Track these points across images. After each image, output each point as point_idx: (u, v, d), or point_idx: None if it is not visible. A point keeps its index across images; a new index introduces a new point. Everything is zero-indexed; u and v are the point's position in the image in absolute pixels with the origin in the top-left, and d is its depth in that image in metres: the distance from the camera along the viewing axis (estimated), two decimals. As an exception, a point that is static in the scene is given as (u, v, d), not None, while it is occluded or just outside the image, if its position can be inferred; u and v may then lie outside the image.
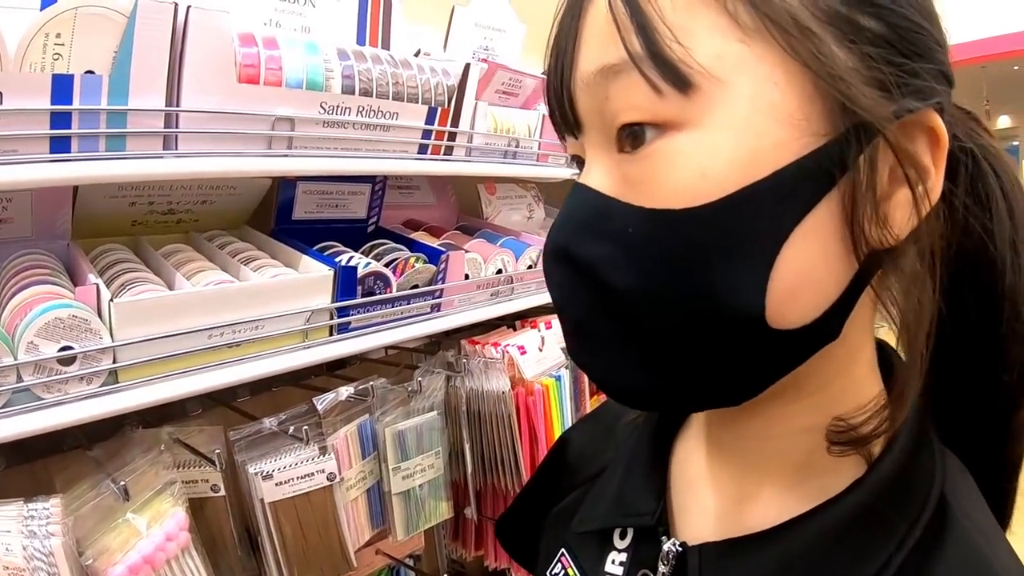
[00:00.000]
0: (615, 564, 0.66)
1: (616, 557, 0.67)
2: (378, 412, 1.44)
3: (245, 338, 1.14)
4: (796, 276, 0.46)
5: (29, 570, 0.93)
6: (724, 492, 0.62)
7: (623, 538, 0.67)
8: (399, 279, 1.39)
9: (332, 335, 1.28)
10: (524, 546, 0.89)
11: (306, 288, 1.22)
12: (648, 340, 0.50)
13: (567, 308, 0.54)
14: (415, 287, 1.45)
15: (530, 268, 1.80)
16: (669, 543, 0.61)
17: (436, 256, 1.49)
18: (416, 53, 1.62)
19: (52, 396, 0.97)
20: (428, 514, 1.55)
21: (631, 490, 0.68)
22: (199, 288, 1.12)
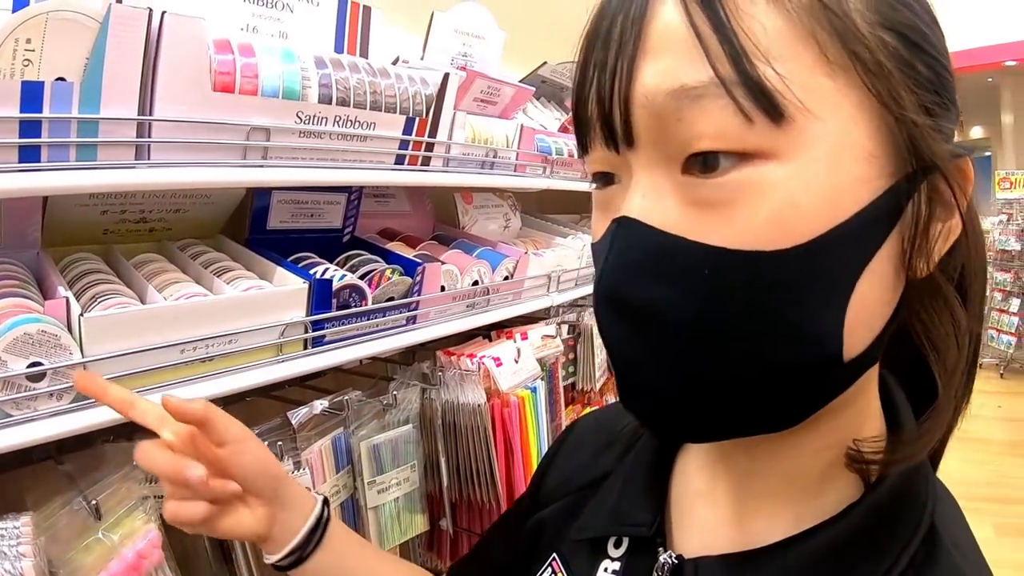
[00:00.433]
0: (607, 572, 0.68)
1: (609, 565, 0.68)
2: (353, 426, 1.42)
3: (218, 352, 1.12)
4: (863, 310, 0.49)
5: (-1, 591, 0.91)
6: (723, 509, 0.63)
7: (617, 547, 0.69)
8: (375, 291, 1.37)
9: (307, 348, 1.27)
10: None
11: (280, 301, 1.20)
12: (715, 383, 0.49)
13: (628, 358, 0.52)
14: (391, 299, 1.43)
15: (506, 279, 1.80)
16: (665, 555, 0.62)
17: (412, 268, 1.47)
18: (395, 60, 1.60)
19: (21, 413, 0.94)
20: (404, 528, 1.53)
21: (631, 501, 0.70)
22: (171, 302, 1.09)
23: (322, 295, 1.25)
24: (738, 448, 0.60)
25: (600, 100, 0.51)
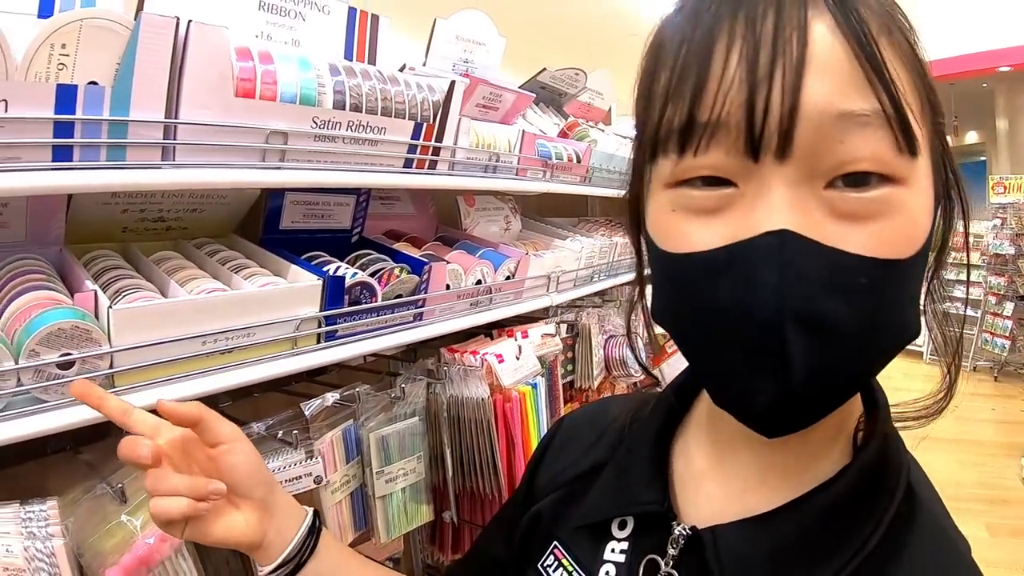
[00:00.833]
0: (615, 552, 0.73)
1: (616, 546, 0.74)
2: (362, 418, 1.48)
3: (237, 344, 1.17)
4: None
5: (30, 571, 0.95)
6: (730, 484, 0.70)
7: (622, 529, 0.74)
8: (384, 289, 1.43)
9: (319, 342, 1.32)
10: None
11: (296, 297, 1.26)
12: (855, 374, 0.58)
13: (806, 358, 0.53)
14: (399, 296, 1.49)
15: (508, 279, 1.85)
16: (679, 528, 0.68)
17: (419, 267, 1.53)
18: (401, 67, 1.66)
19: (52, 399, 0.99)
20: (410, 517, 1.59)
21: (636, 483, 0.75)
22: (194, 296, 1.15)
23: (335, 291, 1.31)
24: (743, 431, 0.63)
25: (750, 106, 0.51)
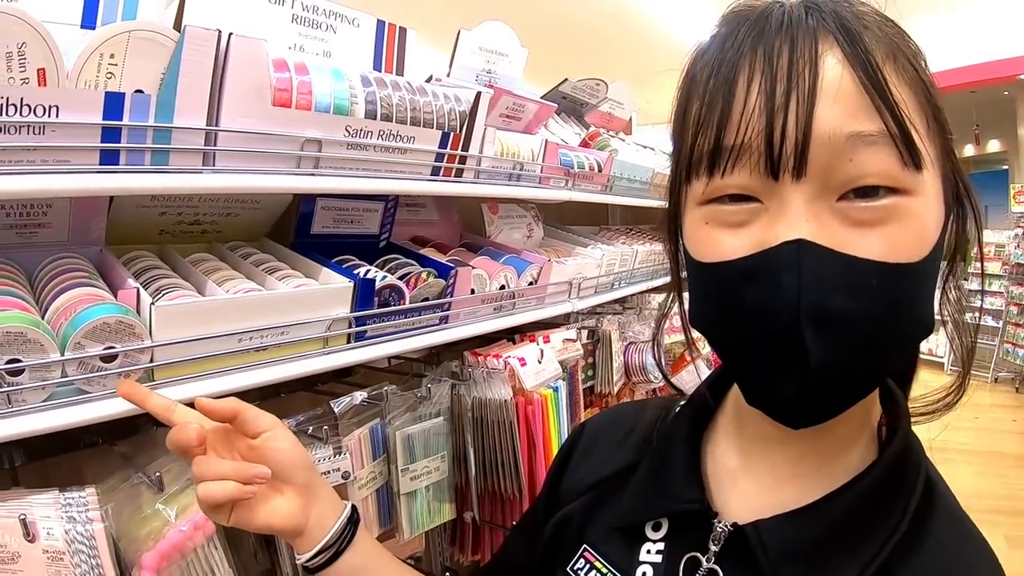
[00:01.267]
0: (652, 553, 0.77)
1: (652, 547, 0.77)
2: (389, 416, 1.52)
3: (271, 343, 1.22)
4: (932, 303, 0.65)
5: (70, 553, 0.99)
6: (763, 479, 0.75)
7: (656, 530, 0.78)
8: (412, 292, 1.47)
9: (350, 342, 1.36)
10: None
11: (328, 298, 1.30)
12: (874, 366, 0.64)
13: (825, 355, 0.59)
14: (426, 300, 1.53)
15: (531, 284, 1.89)
16: (720, 524, 0.73)
17: (445, 272, 1.57)
18: (428, 78, 1.70)
19: (94, 391, 1.04)
20: (432, 514, 1.63)
21: (674, 484, 0.78)
22: (233, 295, 1.20)
23: (365, 293, 1.35)
24: (776, 428, 0.68)
25: (769, 132, 0.58)
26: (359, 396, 1.42)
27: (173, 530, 1.11)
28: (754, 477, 0.75)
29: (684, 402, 0.87)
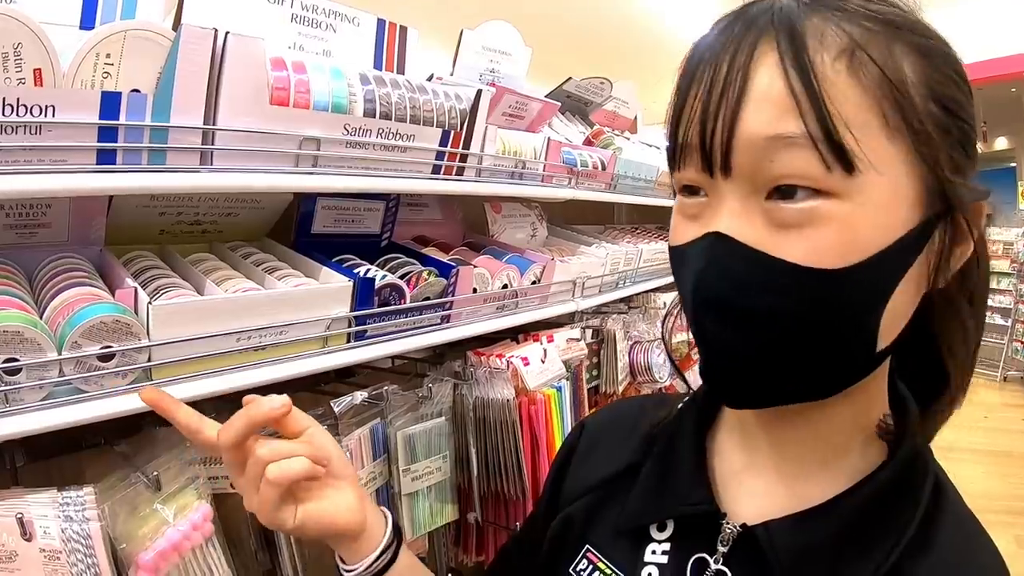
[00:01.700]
0: (657, 554, 0.76)
1: (657, 548, 0.76)
2: (390, 416, 1.51)
3: (270, 342, 1.22)
4: (894, 314, 0.62)
5: (66, 552, 0.99)
6: (769, 478, 0.74)
7: (662, 531, 0.77)
8: (412, 291, 1.47)
9: (350, 342, 1.36)
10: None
11: (328, 297, 1.30)
12: (787, 365, 0.63)
13: (722, 346, 0.64)
14: (427, 299, 1.53)
15: (534, 283, 1.88)
16: (729, 525, 0.72)
17: (447, 270, 1.57)
18: (429, 77, 1.69)
19: (91, 390, 1.03)
20: (434, 515, 1.62)
21: (680, 484, 0.78)
22: (230, 294, 1.19)
23: (365, 292, 1.35)
24: (776, 421, 0.72)
25: (703, 134, 0.62)
26: (359, 396, 1.41)
27: (171, 530, 1.11)
28: (760, 477, 0.74)
29: (688, 399, 0.86)
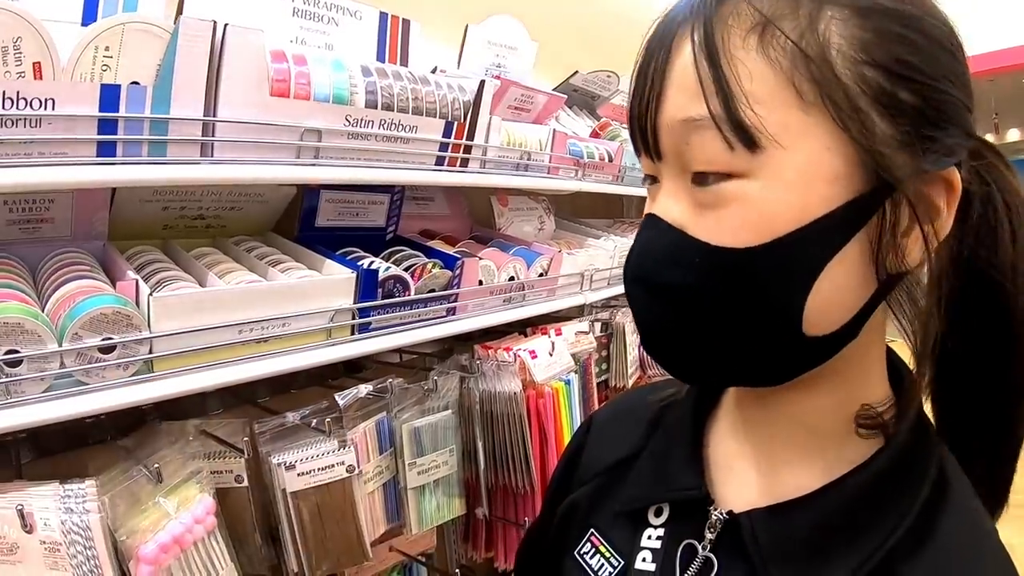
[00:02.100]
0: (651, 539, 0.75)
1: (652, 533, 0.75)
2: (395, 409, 1.51)
3: (272, 334, 1.21)
4: (827, 298, 0.58)
5: (66, 544, 0.99)
6: (758, 464, 0.71)
7: (658, 516, 0.76)
8: (417, 283, 1.46)
9: (354, 334, 1.35)
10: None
11: (330, 289, 1.29)
12: (710, 340, 0.61)
13: (646, 319, 0.65)
14: (432, 291, 1.52)
15: (541, 276, 1.87)
16: (716, 512, 0.70)
17: (452, 262, 1.56)
18: (433, 70, 1.69)
19: (93, 382, 1.04)
20: (442, 510, 1.61)
21: (674, 470, 0.77)
22: (232, 286, 1.19)
23: (369, 284, 1.34)
24: (759, 412, 0.71)
25: (640, 123, 0.63)
26: (364, 389, 1.40)
27: (172, 522, 1.11)
28: (752, 463, 0.72)
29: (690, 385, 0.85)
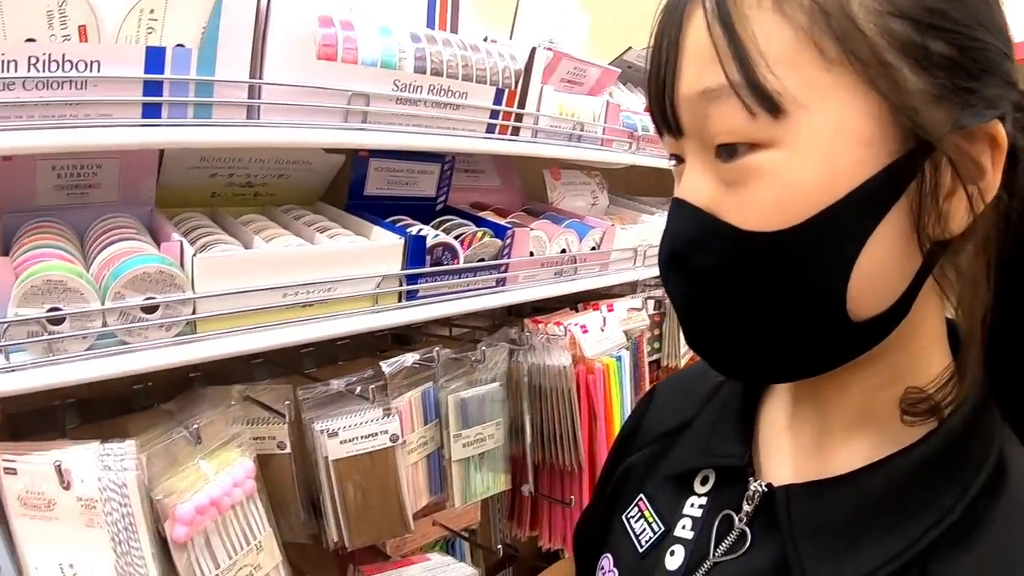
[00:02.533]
0: (693, 507, 0.74)
1: (696, 501, 0.74)
2: (442, 379, 1.50)
3: (317, 299, 1.20)
4: (871, 277, 0.54)
5: (102, 500, 1.00)
6: (804, 441, 0.68)
7: (704, 484, 0.75)
8: (466, 251, 1.44)
9: (401, 301, 1.34)
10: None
11: (377, 254, 1.28)
12: (752, 333, 0.58)
13: (682, 307, 0.64)
14: (481, 260, 1.50)
15: (593, 249, 1.84)
16: (756, 484, 0.68)
17: (502, 232, 1.54)
18: (484, 39, 1.67)
19: (135, 342, 1.04)
20: (486, 484, 1.60)
21: (721, 438, 0.75)
22: (276, 248, 1.18)
23: (417, 251, 1.33)
24: (807, 383, 0.65)
25: (659, 100, 0.61)
26: (410, 358, 1.39)
27: (210, 485, 1.11)
28: (799, 440, 0.70)
29: None
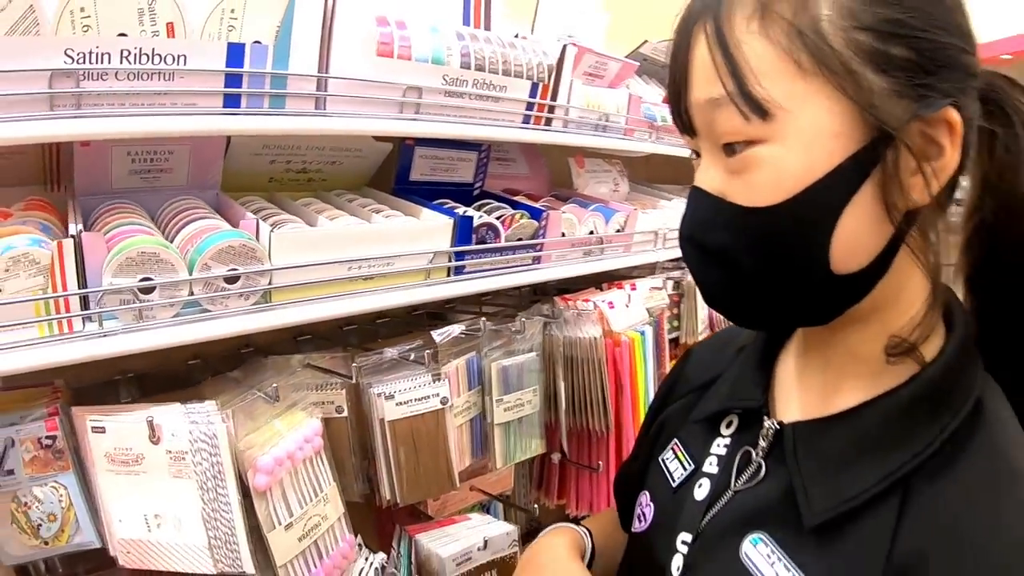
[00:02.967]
0: (719, 447, 0.87)
1: (721, 441, 0.87)
2: (485, 348, 1.62)
3: (377, 272, 1.33)
4: (849, 239, 0.66)
5: (192, 452, 1.10)
6: (814, 387, 0.81)
7: (728, 427, 0.88)
8: (507, 231, 1.57)
9: (449, 276, 1.47)
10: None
11: (430, 233, 1.40)
12: (757, 290, 0.71)
13: (702, 276, 0.76)
14: (519, 240, 1.63)
15: (618, 232, 1.96)
16: (769, 422, 0.81)
17: (537, 214, 1.66)
18: (515, 36, 1.77)
19: (216, 310, 1.16)
20: (524, 447, 1.72)
21: (743, 385, 0.88)
22: (344, 226, 1.30)
23: (464, 230, 1.45)
24: (816, 335, 0.79)
25: (676, 106, 0.73)
26: (457, 329, 1.51)
27: (285, 440, 1.22)
28: (809, 384, 0.81)
29: None
